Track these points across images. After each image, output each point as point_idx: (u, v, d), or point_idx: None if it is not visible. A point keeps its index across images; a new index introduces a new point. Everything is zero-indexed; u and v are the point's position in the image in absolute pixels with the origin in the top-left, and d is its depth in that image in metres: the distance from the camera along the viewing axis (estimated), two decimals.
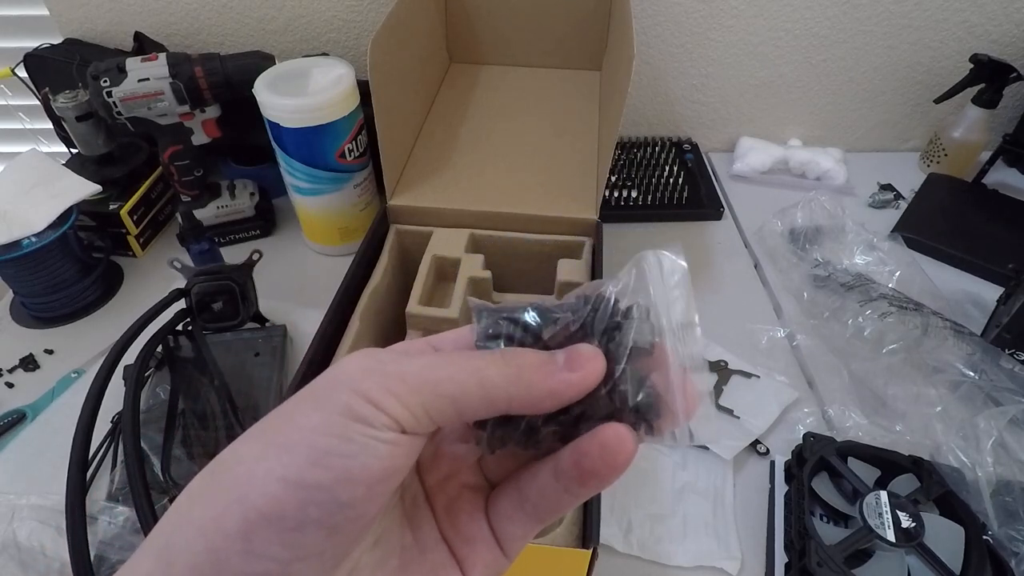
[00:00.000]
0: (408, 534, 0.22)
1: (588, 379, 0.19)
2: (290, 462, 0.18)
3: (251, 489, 0.18)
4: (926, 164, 0.97)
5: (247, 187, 0.84)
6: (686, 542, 0.53)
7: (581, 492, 0.21)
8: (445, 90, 0.87)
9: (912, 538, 0.48)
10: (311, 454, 0.18)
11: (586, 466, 0.20)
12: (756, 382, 0.65)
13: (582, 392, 0.19)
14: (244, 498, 0.18)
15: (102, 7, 0.90)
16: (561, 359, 0.20)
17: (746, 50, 0.93)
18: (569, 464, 0.20)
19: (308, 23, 0.92)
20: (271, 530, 0.18)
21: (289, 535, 0.18)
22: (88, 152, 0.79)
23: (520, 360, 0.20)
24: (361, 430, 0.18)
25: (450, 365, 0.19)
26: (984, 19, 0.89)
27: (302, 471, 0.18)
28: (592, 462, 0.19)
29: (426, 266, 0.63)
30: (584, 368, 0.20)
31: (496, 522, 0.23)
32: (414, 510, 0.23)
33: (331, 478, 0.18)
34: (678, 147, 0.99)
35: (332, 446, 0.18)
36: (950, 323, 0.66)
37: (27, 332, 0.73)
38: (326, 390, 0.19)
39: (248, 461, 0.19)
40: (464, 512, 0.23)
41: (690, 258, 0.85)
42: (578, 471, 0.20)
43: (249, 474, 0.18)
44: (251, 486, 0.18)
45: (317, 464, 0.18)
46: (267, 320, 0.70)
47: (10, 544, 0.51)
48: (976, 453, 0.53)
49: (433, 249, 0.64)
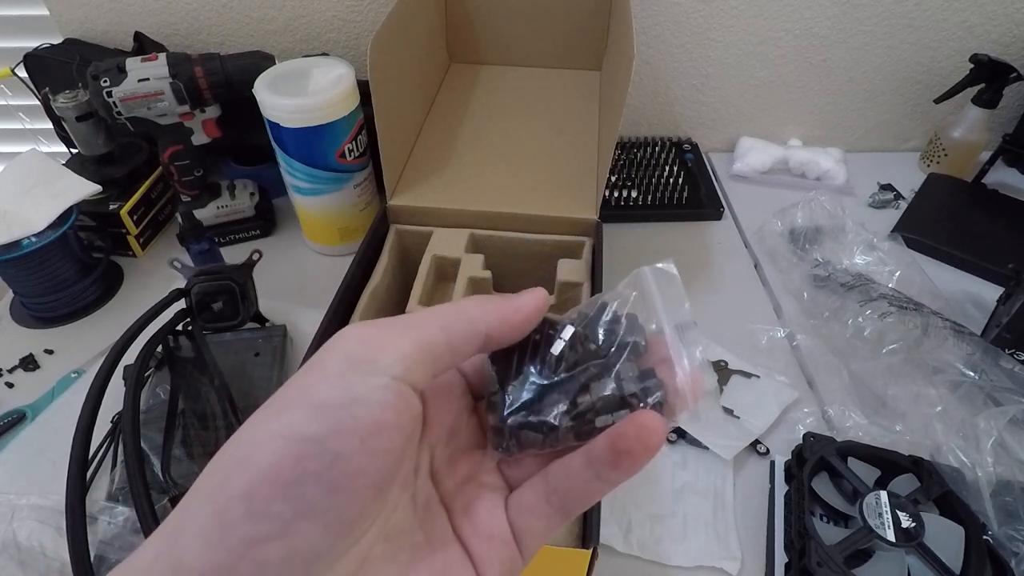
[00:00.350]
0: (420, 533, 0.23)
1: (536, 300, 0.24)
2: (290, 419, 0.19)
3: (253, 449, 0.19)
4: (926, 164, 0.97)
5: (247, 187, 0.84)
6: (686, 542, 0.53)
7: (612, 477, 0.22)
8: (445, 90, 0.87)
9: (912, 538, 0.48)
10: (308, 409, 0.19)
11: (622, 447, 0.21)
12: (756, 382, 0.65)
13: (535, 309, 0.23)
14: (247, 458, 0.19)
15: (102, 7, 0.90)
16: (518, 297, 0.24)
17: (746, 50, 0.93)
18: (604, 448, 0.21)
19: (308, 23, 0.92)
20: (271, 486, 0.18)
21: (288, 490, 0.18)
22: (88, 152, 0.79)
23: (491, 298, 0.23)
24: (358, 380, 0.19)
25: (435, 310, 0.23)
26: (984, 19, 0.89)
27: (299, 426, 0.19)
28: (628, 442, 0.21)
29: (426, 266, 0.63)
30: (532, 294, 0.24)
31: (517, 517, 0.23)
32: (426, 513, 0.23)
33: (325, 429, 0.19)
34: (678, 147, 0.99)
35: (327, 398, 0.19)
36: (950, 323, 0.66)
37: (27, 332, 0.73)
38: (325, 353, 0.21)
39: (252, 426, 0.19)
40: (484, 509, 0.24)
41: (690, 258, 0.85)
42: (613, 453, 0.21)
43: (253, 435, 0.19)
44: (253, 447, 0.19)
45: (314, 417, 0.19)
46: (267, 320, 0.70)
47: (10, 544, 0.51)
48: (976, 453, 0.53)
49: (433, 249, 0.64)
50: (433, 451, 0.24)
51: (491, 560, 0.23)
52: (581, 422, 0.22)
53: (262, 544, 0.18)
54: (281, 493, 0.18)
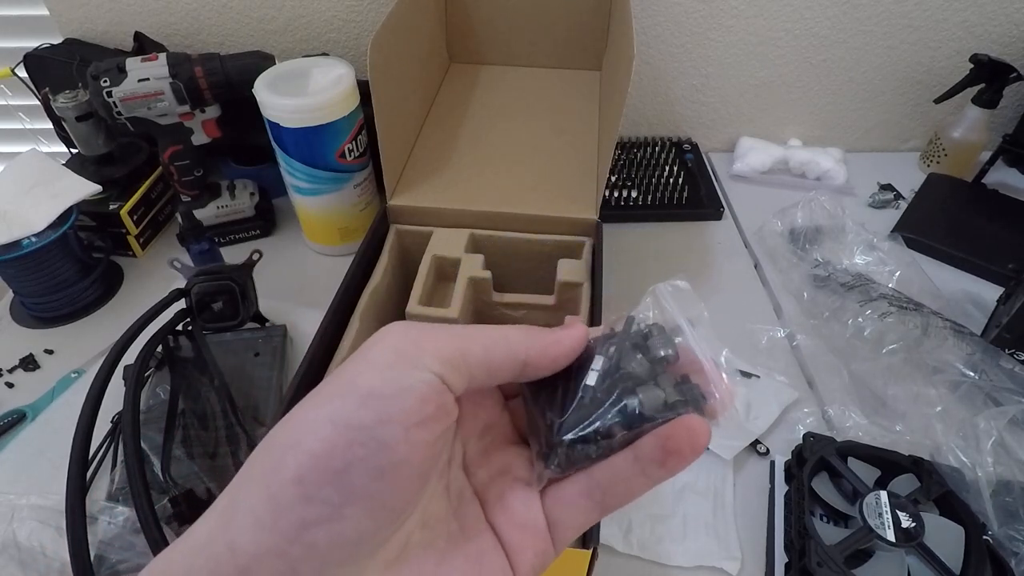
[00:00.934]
0: (454, 523, 0.24)
1: (577, 335, 0.24)
2: (340, 406, 0.20)
3: (305, 435, 0.19)
4: (926, 164, 0.97)
5: (247, 187, 0.84)
6: (686, 542, 0.53)
7: (658, 474, 0.23)
8: (445, 90, 0.87)
9: (912, 538, 0.48)
10: (357, 397, 0.20)
11: (671, 447, 0.22)
12: (756, 382, 0.65)
13: (576, 343, 0.24)
14: (298, 443, 0.19)
15: (102, 7, 0.90)
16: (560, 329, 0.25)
17: (746, 50, 0.93)
18: (653, 447, 0.22)
19: (308, 23, 0.92)
20: (323, 472, 0.19)
21: (339, 476, 0.19)
22: (88, 152, 0.79)
23: (534, 329, 0.24)
24: (405, 372, 0.20)
25: (479, 328, 0.23)
26: (984, 19, 0.89)
27: (349, 413, 0.20)
28: (678, 443, 0.22)
29: (426, 266, 0.63)
30: (574, 326, 0.24)
31: (555, 509, 0.24)
32: (460, 503, 0.24)
33: (372, 418, 0.19)
34: (678, 147, 0.99)
35: (375, 387, 0.20)
36: (950, 323, 0.66)
37: (27, 332, 0.73)
38: (372, 345, 0.22)
39: (302, 412, 0.20)
40: (517, 500, 0.24)
41: (690, 258, 0.85)
42: (663, 453, 0.22)
43: (303, 421, 0.20)
44: (304, 432, 0.20)
45: (362, 405, 0.20)
46: (267, 320, 0.70)
47: (10, 544, 0.51)
48: (976, 453, 0.53)
49: (433, 249, 0.64)
50: (466, 445, 0.26)
51: (524, 548, 0.24)
52: (633, 433, 0.23)
53: (312, 528, 0.19)
54: (331, 478, 0.19)
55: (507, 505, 0.24)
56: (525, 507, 0.24)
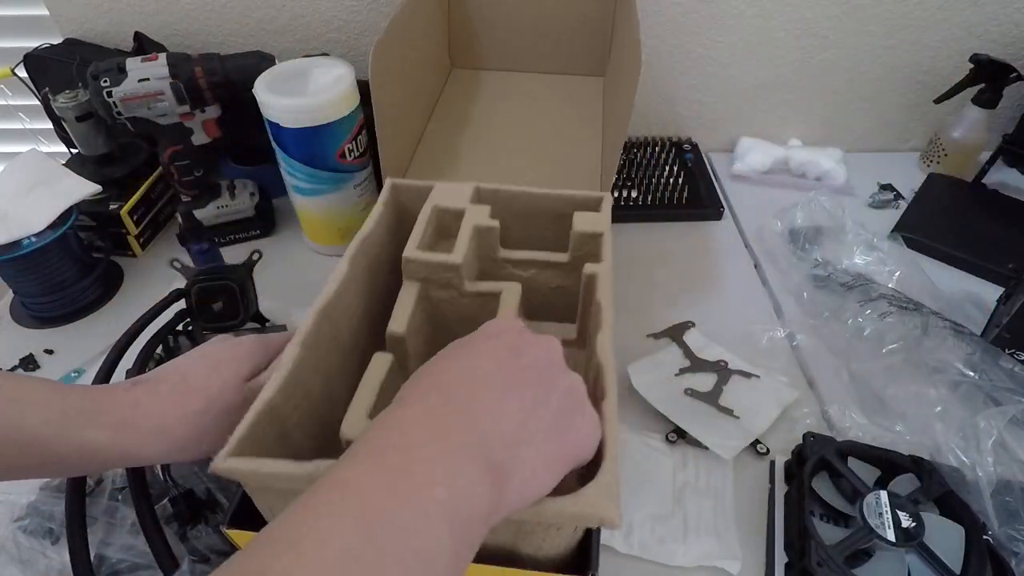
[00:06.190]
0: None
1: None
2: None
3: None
4: (926, 164, 0.97)
5: (247, 187, 0.84)
6: (687, 542, 0.53)
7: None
8: (447, 96, 0.87)
9: (912, 538, 0.48)
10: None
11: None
12: (756, 382, 0.65)
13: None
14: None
15: (102, 7, 0.90)
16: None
17: (746, 50, 0.93)
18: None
19: (308, 23, 0.92)
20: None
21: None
22: (88, 152, 0.79)
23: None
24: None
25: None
26: (984, 19, 0.89)
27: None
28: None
29: (425, 215, 0.55)
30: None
31: None
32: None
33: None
34: (678, 147, 0.99)
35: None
36: (950, 323, 0.66)
37: (27, 332, 0.73)
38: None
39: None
40: None
41: (690, 258, 0.84)
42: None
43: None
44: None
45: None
46: (267, 320, 0.70)
47: (10, 544, 0.51)
48: (976, 453, 0.53)
49: (434, 200, 0.57)
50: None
51: None
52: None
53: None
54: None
55: None
56: None
